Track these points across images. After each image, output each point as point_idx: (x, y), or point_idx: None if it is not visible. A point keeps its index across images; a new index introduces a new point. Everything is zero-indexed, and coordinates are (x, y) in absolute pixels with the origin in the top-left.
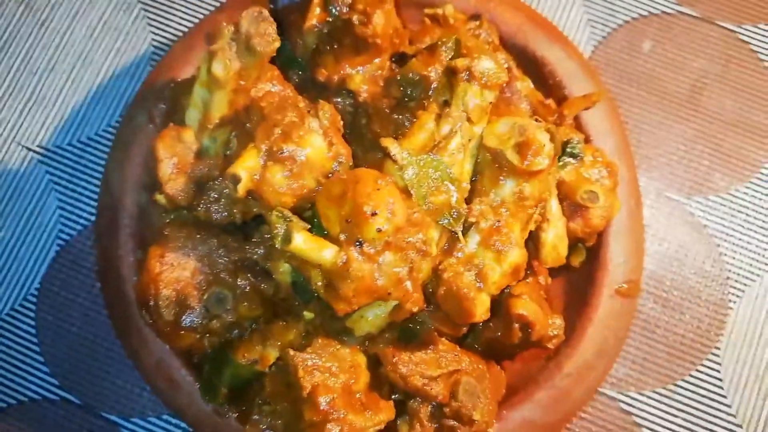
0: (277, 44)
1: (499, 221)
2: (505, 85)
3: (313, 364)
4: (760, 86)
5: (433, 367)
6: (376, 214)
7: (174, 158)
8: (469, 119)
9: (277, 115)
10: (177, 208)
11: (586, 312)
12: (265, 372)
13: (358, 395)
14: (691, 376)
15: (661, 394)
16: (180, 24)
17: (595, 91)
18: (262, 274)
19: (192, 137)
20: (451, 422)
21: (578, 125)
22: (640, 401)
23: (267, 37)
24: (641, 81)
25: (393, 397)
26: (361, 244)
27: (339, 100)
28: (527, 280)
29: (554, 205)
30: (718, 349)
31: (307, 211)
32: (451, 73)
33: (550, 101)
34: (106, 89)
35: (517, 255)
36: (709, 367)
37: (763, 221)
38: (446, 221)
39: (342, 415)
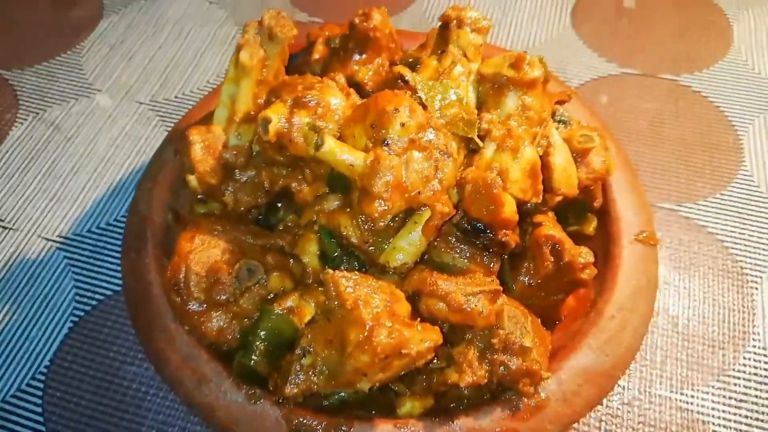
0: (295, 32)
1: (509, 129)
2: None
3: (354, 282)
4: (710, 116)
5: (474, 285)
6: (398, 110)
7: (206, 146)
8: (465, 56)
9: (299, 80)
10: (206, 199)
11: (611, 261)
12: (302, 329)
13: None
14: (741, 365)
15: (716, 387)
16: None
17: (568, 90)
18: (291, 256)
19: (220, 131)
20: (502, 357)
21: None
22: (698, 397)
23: (286, 27)
24: (607, 125)
25: None
26: (388, 144)
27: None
28: (547, 214)
29: (556, 135)
30: (757, 335)
31: None
32: (444, 27)
33: None
34: (126, 182)
35: (531, 152)
36: (754, 353)
37: (759, 214)
38: (461, 130)
39: (389, 325)
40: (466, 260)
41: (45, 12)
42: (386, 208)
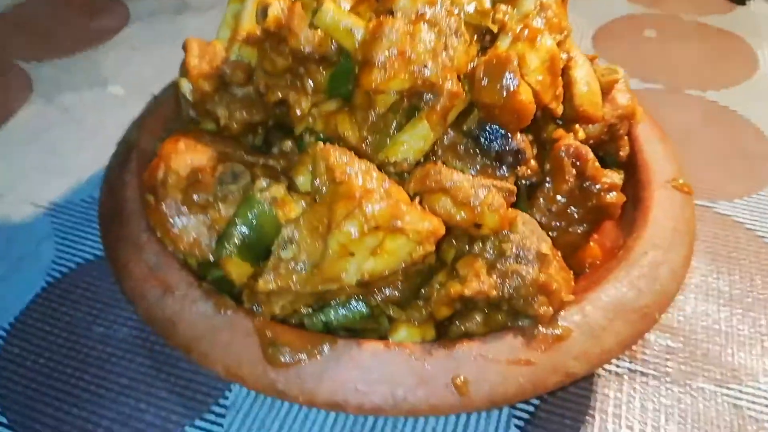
0: None
1: (526, 23)
2: None
3: (348, 157)
4: (742, 127)
5: (485, 178)
6: None
7: (203, 55)
8: None
9: None
10: (199, 119)
11: (642, 203)
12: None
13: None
14: None
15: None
16: None
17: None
18: (285, 177)
19: (222, 48)
20: (515, 265)
21: None
22: (748, 393)
23: None
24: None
25: None
26: (392, 13)
27: None
28: (569, 133)
29: (577, 51)
30: None
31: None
32: None
33: None
34: None
35: (551, 43)
36: None
37: None
38: (474, 18)
39: (384, 197)
40: (476, 173)
41: (73, 18)
42: (387, 77)
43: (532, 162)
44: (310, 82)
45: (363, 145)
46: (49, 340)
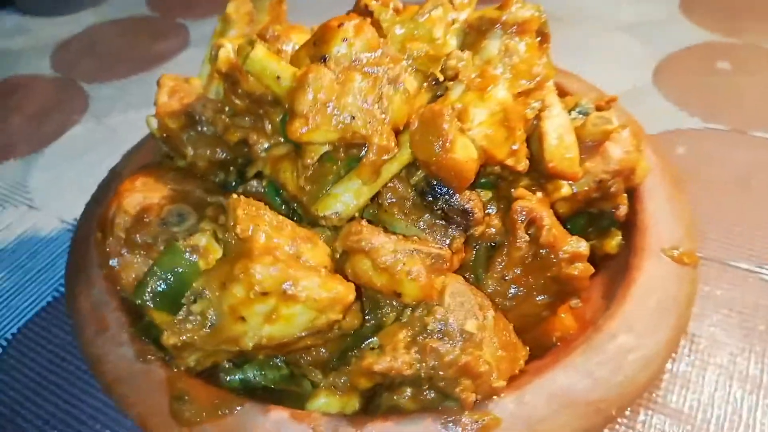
0: None
1: (483, 71)
2: None
3: (256, 209)
4: None
5: (412, 243)
6: (342, 25)
7: (175, 92)
8: (453, 4)
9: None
10: (171, 153)
11: (627, 274)
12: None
13: (307, 262)
14: None
15: None
16: None
17: (608, 95)
18: None
19: (198, 84)
20: (436, 342)
21: None
22: None
23: None
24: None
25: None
26: (325, 60)
27: None
28: (537, 194)
29: (554, 98)
30: None
31: None
32: None
33: None
34: None
35: (504, 95)
36: None
37: None
38: (422, 64)
39: (278, 255)
40: (420, 230)
41: (138, 41)
42: (309, 128)
43: (496, 221)
44: (268, 124)
45: (300, 192)
46: (42, 356)
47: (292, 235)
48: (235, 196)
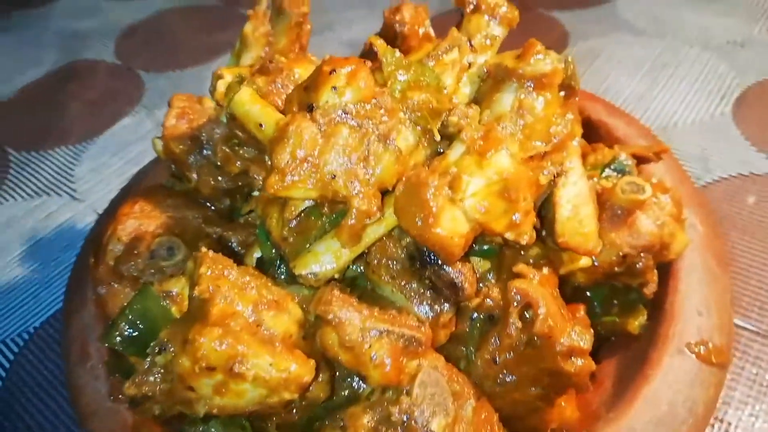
0: (306, 9)
1: (489, 131)
2: None
3: (222, 268)
4: None
5: (385, 322)
6: (334, 71)
7: (185, 113)
8: (472, 46)
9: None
10: (179, 175)
11: (642, 368)
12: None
13: (266, 332)
14: None
15: None
16: None
17: (659, 145)
18: (232, 254)
19: (211, 105)
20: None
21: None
22: None
23: (296, 2)
24: (747, 229)
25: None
26: (311, 109)
27: None
28: (542, 271)
29: (575, 162)
30: None
31: None
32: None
33: None
34: None
35: (506, 162)
36: None
37: None
38: (421, 118)
39: (230, 326)
40: (406, 298)
41: (199, 32)
42: (286, 184)
43: (495, 292)
44: (267, 159)
45: (282, 242)
46: (58, 352)
47: (257, 300)
48: (204, 250)
